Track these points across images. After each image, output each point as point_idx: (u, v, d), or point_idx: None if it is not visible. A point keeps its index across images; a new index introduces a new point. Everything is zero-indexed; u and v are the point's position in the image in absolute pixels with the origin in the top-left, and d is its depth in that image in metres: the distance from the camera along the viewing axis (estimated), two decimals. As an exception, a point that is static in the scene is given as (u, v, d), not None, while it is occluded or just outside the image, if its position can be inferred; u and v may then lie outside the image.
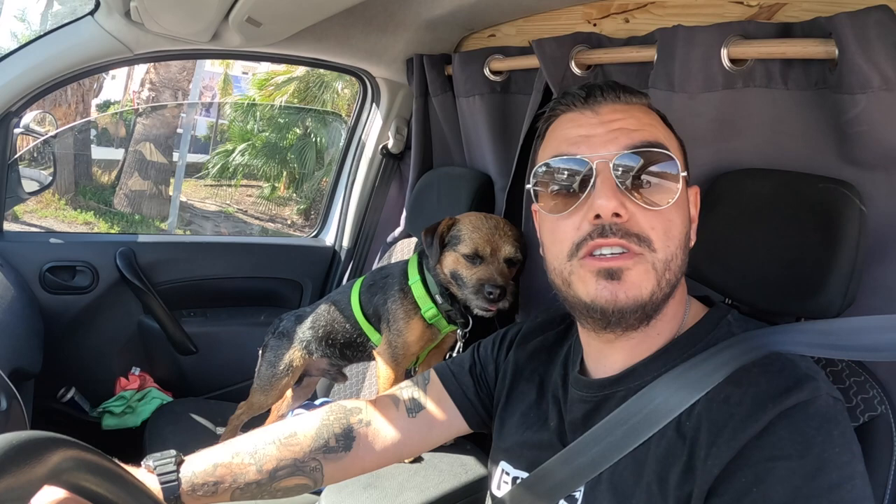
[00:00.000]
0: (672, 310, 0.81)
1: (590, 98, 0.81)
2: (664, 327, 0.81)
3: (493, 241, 1.37)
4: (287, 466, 0.93)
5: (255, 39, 1.64)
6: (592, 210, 0.74)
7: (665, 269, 0.75)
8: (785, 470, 0.64)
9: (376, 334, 1.53)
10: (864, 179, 0.95)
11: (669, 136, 0.81)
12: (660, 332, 0.81)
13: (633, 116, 0.79)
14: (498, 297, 1.34)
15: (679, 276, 0.77)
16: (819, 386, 0.68)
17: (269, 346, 1.69)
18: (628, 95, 0.81)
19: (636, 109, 0.80)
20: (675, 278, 0.76)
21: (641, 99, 0.83)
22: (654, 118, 0.82)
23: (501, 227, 1.40)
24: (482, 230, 1.38)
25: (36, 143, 1.87)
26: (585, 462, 0.79)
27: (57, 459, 0.50)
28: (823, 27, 0.95)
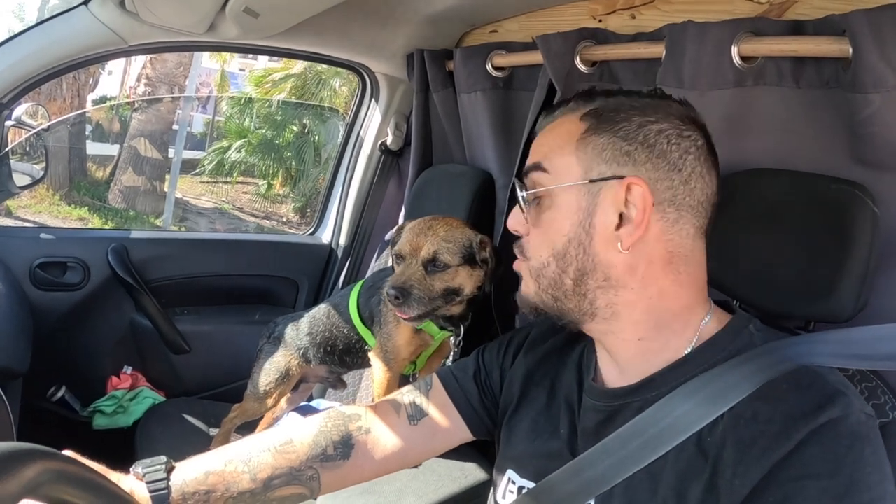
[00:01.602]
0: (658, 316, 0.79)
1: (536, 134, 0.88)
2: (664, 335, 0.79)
3: (414, 241, 1.27)
4: (282, 475, 0.90)
5: (252, 31, 1.61)
6: None
7: (539, 276, 0.82)
8: (815, 489, 0.62)
9: (373, 338, 1.50)
10: (877, 180, 0.93)
11: (562, 146, 0.80)
12: (668, 339, 0.79)
13: (538, 141, 0.85)
14: (397, 298, 1.23)
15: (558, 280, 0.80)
16: (851, 402, 0.66)
17: (264, 351, 1.64)
18: (547, 119, 0.86)
19: (547, 129, 0.85)
20: (553, 283, 0.81)
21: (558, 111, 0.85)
22: (553, 133, 0.83)
23: (436, 227, 1.28)
24: (413, 230, 1.29)
25: (28, 137, 1.83)
26: (596, 475, 0.76)
27: (34, 472, 0.47)
28: (836, 25, 0.93)
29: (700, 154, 0.78)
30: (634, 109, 0.79)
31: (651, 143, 0.77)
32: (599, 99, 0.81)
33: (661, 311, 0.79)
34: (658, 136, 0.77)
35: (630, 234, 0.76)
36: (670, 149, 0.77)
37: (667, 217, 0.77)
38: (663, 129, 0.77)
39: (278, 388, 1.59)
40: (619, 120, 0.78)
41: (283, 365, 1.58)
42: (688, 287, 0.79)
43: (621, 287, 0.78)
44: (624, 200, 0.76)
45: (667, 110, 0.79)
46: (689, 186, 0.77)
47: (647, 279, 0.78)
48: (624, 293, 0.78)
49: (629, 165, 0.76)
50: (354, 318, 1.51)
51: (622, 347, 0.82)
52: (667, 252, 0.77)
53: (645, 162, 0.76)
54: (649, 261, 0.77)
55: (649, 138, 0.77)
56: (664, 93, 0.83)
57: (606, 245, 0.77)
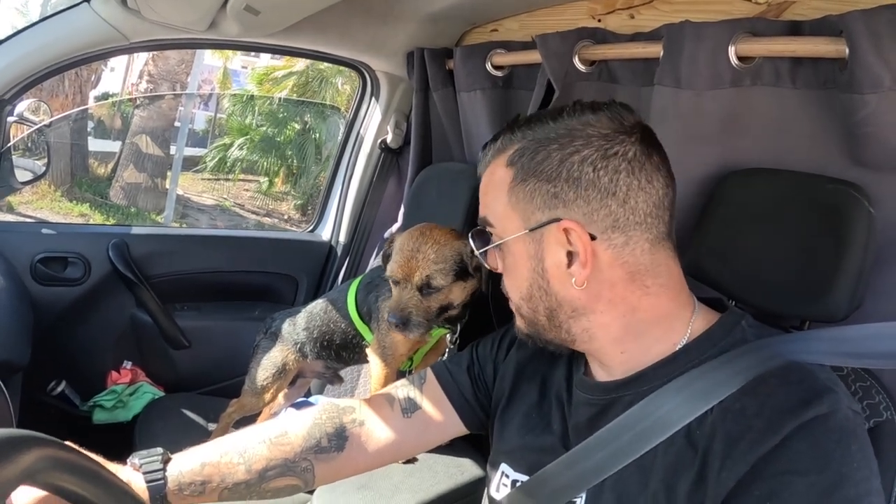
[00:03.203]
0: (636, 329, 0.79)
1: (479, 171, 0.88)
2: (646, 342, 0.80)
3: (407, 266, 1.28)
4: (277, 466, 0.91)
5: (253, 29, 1.61)
6: None
7: (518, 314, 0.87)
8: (802, 485, 0.62)
9: (370, 334, 1.50)
10: (873, 181, 0.93)
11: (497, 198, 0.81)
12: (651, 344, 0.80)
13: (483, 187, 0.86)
14: (398, 326, 1.28)
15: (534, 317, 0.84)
16: (839, 399, 0.66)
17: (261, 347, 1.64)
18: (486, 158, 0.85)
19: (487, 174, 0.85)
20: (531, 320, 0.84)
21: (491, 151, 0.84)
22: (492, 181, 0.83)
23: (425, 249, 1.28)
24: (403, 252, 1.29)
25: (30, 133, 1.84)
26: (589, 467, 0.77)
27: (32, 459, 0.48)
28: (833, 25, 0.93)
29: (633, 167, 0.75)
30: (553, 143, 0.76)
31: (576, 177, 0.75)
32: (520, 134, 0.80)
33: (637, 324, 0.79)
34: (581, 165, 0.74)
35: (580, 272, 0.76)
36: (597, 175, 0.74)
37: (614, 243, 0.76)
38: (586, 156, 0.75)
39: (275, 383, 1.59)
40: (539, 160, 0.76)
41: (280, 360, 1.59)
42: (660, 296, 0.79)
43: (591, 313, 0.79)
44: (566, 240, 0.76)
45: (587, 132, 0.76)
46: (629, 206, 0.75)
47: (615, 301, 0.78)
48: (595, 317, 0.79)
49: (560, 207, 0.76)
50: (352, 314, 1.51)
51: (608, 358, 0.83)
52: (626, 273, 0.77)
53: (574, 199, 0.75)
54: (611, 285, 0.77)
55: (573, 172, 0.75)
56: (584, 105, 0.79)
57: (563, 283, 0.78)
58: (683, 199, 1.13)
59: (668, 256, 0.79)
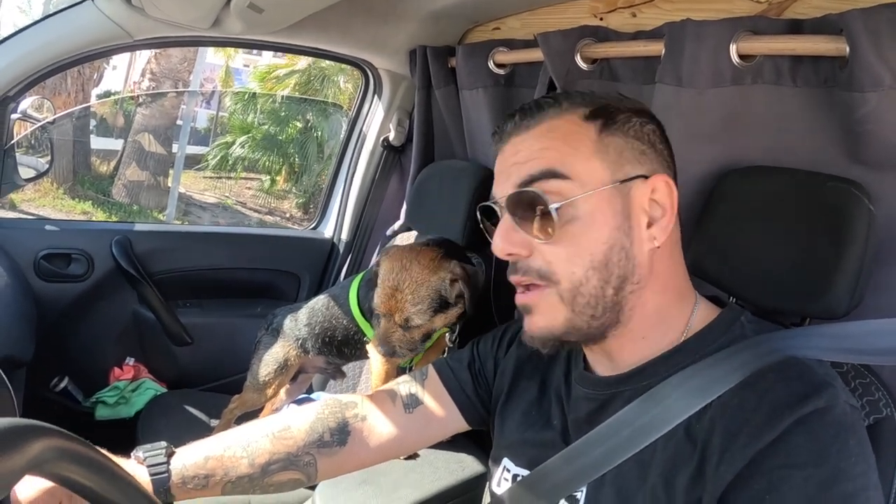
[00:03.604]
0: (656, 314, 0.80)
1: (500, 132, 0.82)
2: (650, 331, 0.80)
3: (388, 304, 1.31)
4: (280, 460, 0.91)
5: (256, 26, 1.62)
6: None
7: (575, 296, 0.76)
8: (800, 479, 0.62)
9: (372, 330, 1.51)
10: (873, 179, 0.93)
11: (576, 149, 0.76)
12: (645, 336, 0.80)
13: (528, 146, 0.78)
14: (386, 354, 1.34)
15: (605, 293, 0.76)
16: (837, 393, 0.67)
17: (263, 343, 1.65)
18: (529, 119, 0.79)
19: (534, 134, 0.79)
20: (593, 300, 0.76)
21: (548, 112, 0.79)
22: (554, 135, 0.77)
23: (403, 288, 1.29)
24: (384, 287, 1.31)
25: (33, 130, 1.85)
26: (588, 462, 0.77)
27: (38, 449, 0.48)
28: (833, 24, 0.93)
29: (673, 153, 0.83)
30: (628, 111, 0.79)
31: (652, 142, 0.79)
32: (587, 99, 0.80)
33: (663, 306, 0.80)
34: (653, 135, 0.80)
35: (663, 230, 0.77)
36: (663, 147, 0.80)
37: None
38: (654, 129, 0.80)
39: (277, 379, 1.60)
40: (622, 121, 0.78)
41: (282, 355, 1.60)
42: (681, 277, 0.81)
43: (644, 286, 0.78)
44: (648, 199, 0.77)
45: (644, 110, 0.82)
46: (677, 181, 0.80)
47: (657, 274, 0.79)
48: (642, 293, 0.78)
49: (647, 164, 0.78)
50: (354, 310, 1.52)
51: (626, 347, 0.81)
52: (672, 244, 0.80)
53: (655, 159, 0.79)
54: (661, 256, 0.79)
55: (651, 138, 0.79)
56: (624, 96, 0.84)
57: (642, 245, 0.77)
58: (684, 197, 1.13)
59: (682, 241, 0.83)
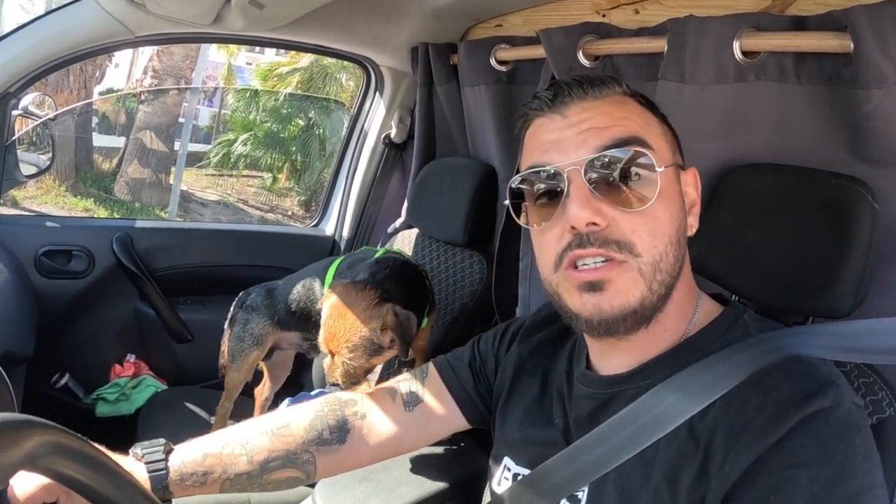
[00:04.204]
0: (677, 306, 0.78)
1: (556, 99, 0.77)
2: (670, 324, 0.78)
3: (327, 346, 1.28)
4: (279, 458, 0.91)
5: (257, 23, 1.61)
6: (568, 221, 0.72)
7: (655, 272, 0.72)
8: (805, 478, 0.62)
9: None
10: (877, 177, 0.93)
11: (649, 125, 0.77)
12: (666, 328, 0.78)
13: (604, 112, 0.75)
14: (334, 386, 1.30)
15: (675, 272, 0.74)
16: (842, 392, 0.66)
17: (237, 319, 1.63)
18: (596, 89, 0.77)
19: (607, 103, 0.76)
20: (668, 277, 0.74)
21: (614, 88, 0.78)
22: (628, 108, 0.77)
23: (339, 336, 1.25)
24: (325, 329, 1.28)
25: (35, 127, 1.85)
26: (590, 461, 0.77)
27: (33, 444, 0.48)
28: (837, 21, 0.93)
29: None
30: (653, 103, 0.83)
31: (676, 133, 0.82)
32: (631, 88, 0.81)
33: (681, 297, 0.79)
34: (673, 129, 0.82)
35: (696, 218, 0.80)
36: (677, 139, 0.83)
37: None
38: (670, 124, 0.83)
39: (253, 353, 1.59)
40: (662, 115, 0.82)
41: (257, 331, 1.59)
42: (687, 272, 0.81)
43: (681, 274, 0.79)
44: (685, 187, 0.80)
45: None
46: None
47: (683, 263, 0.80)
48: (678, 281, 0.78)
49: (678, 155, 0.81)
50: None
51: (647, 340, 0.78)
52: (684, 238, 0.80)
53: (680, 153, 0.82)
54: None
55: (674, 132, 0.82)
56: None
57: (688, 228, 0.79)
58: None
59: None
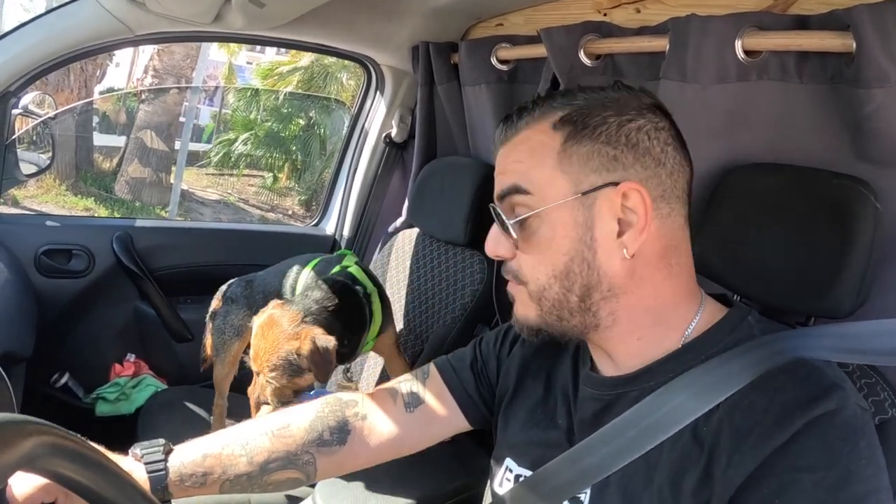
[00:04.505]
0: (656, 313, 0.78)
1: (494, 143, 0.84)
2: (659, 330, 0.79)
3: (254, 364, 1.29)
4: (279, 459, 0.90)
5: (258, 21, 1.61)
6: None
7: (540, 298, 0.79)
8: (810, 481, 0.62)
9: None
10: (880, 176, 0.92)
11: (540, 163, 0.76)
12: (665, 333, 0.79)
13: (505, 158, 0.81)
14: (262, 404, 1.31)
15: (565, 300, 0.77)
16: (847, 395, 0.66)
17: (218, 312, 1.64)
18: (509, 129, 0.81)
19: (514, 143, 0.80)
20: (557, 304, 0.78)
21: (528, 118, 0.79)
22: (525, 147, 0.78)
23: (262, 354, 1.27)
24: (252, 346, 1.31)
25: (35, 126, 1.84)
26: (593, 463, 0.76)
27: (31, 445, 0.47)
28: (840, 20, 0.92)
29: (676, 143, 0.78)
30: (608, 109, 0.76)
31: (634, 143, 0.75)
32: (564, 102, 0.78)
33: (657, 308, 0.78)
34: (638, 133, 0.75)
35: (635, 240, 0.74)
36: (652, 144, 0.75)
37: (661, 213, 0.76)
38: (641, 125, 0.75)
39: (234, 343, 1.60)
40: (595, 124, 0.75)
41: (237, 321, 1.59)
42: (680, 277, 0.79)
43: (622, 293, 0.77)
44: (620, 206, 0.74)
45: (638, 104, 0.77)
46: (673, 178, 0.76)
47: (644, 279, 0.77)
48: (625, 299, 0.77)
49: (619, 170, 0.74)
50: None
51: (621, 348, 0.81)
52: (661, 247, 0.77)
53: (633, 164, 0.75)
54: (646, 260, 0.76)
55: (631, 138, 0.75)
56: (624, 84, 0.80)
57: (610, 255, 0.75)
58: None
59: (688, 239, 0.80)
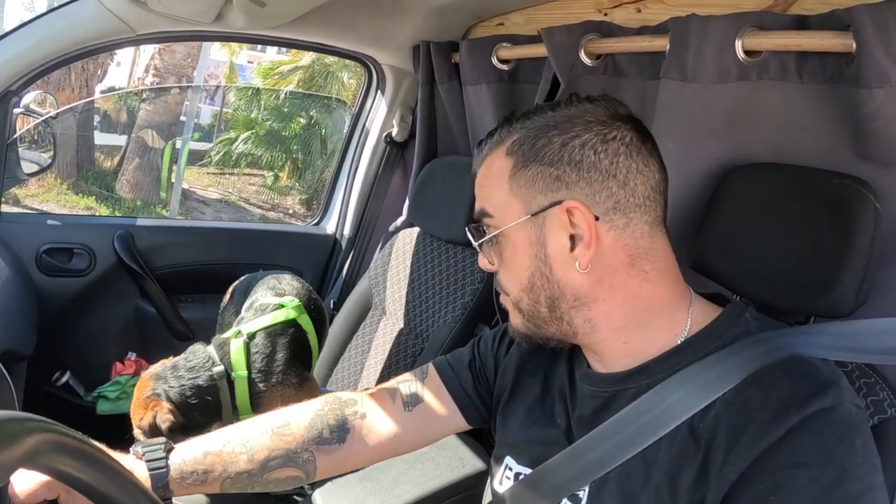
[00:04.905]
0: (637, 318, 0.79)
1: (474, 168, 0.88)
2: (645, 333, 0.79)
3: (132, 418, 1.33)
4: (279, 457, 0.91)
5: (259, 20, 1.61)
6: None
7: (518, 308, 0.85)
8: (805, 478, 0.62)
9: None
10: (880, 176, 0.92)
11: (497, 186, 0.81)
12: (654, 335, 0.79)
13: (479, 180, 0.86)
14: None
15: (534, 310, 0.82)
16: (842, 392, 0.66)
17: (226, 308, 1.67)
18: (481, 152, 0.86)
19: (482, 168, 0.85)
20: (531, 314, 0.83)
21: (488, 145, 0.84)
22: (487, 172, 0.83)
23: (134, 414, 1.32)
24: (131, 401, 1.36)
25: (36, 125, 1.85)
26: (592, 460, 0.77)
27: (32, 442, 0.47)
28: (840, 19, 0.92)
29: (631, 151, 0.77)
30: (554, 129, 0.78)
31: (577, 160, 0.76)
32: (519, 125, 0.81)
33: (638, 313, 0.79)
34: (583, 149, 0.76)
35: (584, 254, 0.76)
36: (598, 158, 0.76)
37: (615, 224, 0.76)
38: (586, 140, 0.76)
39: None
40: (540, 146, 0.77)
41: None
42: (658, 282, 0.79)
43: (592, 301, 0.79)
44: (569, 223, 0.76)
45: (585, 118, 0.78)
46: (629, 188, 0.76)
47: (615, 286, 0.78)
48: (598, 306, 0.79)
49: (563, 189, 0.76)
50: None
51: (608, 351, 0.82)
52: (627, 256, 0.77)
53: (577, 181, 0.76)
54: (612, 269, 0.77)
55: (574, 156, 0.76)
56: (580, 97, 0.81)
57: (566, 269, 0.77)
58: (688, 193, 1.13)
59: (665, 243, 0.80)
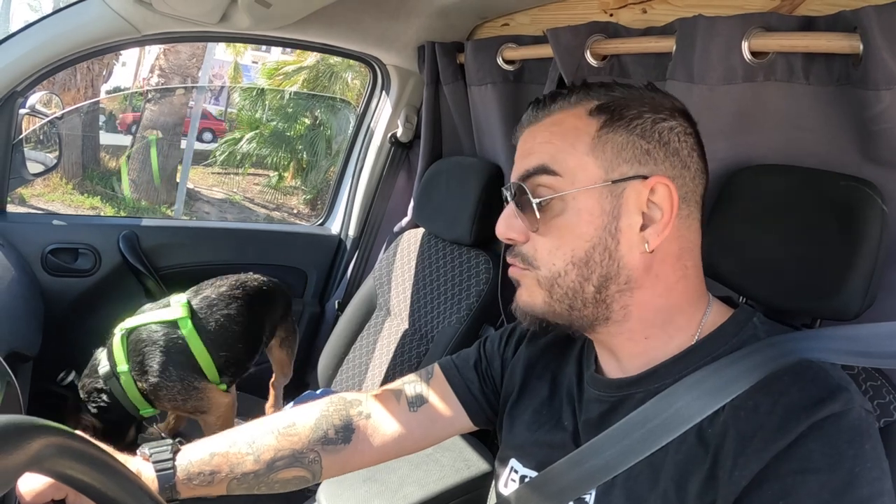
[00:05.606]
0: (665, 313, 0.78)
1: (519, 125, 0.84)
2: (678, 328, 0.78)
3: None
4: (285, 457, 0.91)
5: (264, 21, 1.61)
6: None
7: (553, 285, 0.77)
8: (815, 484, 0.61)
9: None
10: (887, 178, 0.92)
11: (573, 145, 0.76)
12: (672, 335, 0.79)
13: (535, 136, 0.80)
14: None
15: (580, 288, 0.76)
16: (852, 398, 0.65)
17: None
18: (540, 110, 0.81)
19: (546, 125, 0.80)
20: (571, 292, 0.77)
21: (563, 102, 0.80)
22: (558, 129, 0.78)
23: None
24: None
25: (42, 125, 1.85)
26: (598, 464, 0.76)
27: (38, 446, 0.48)
28: (847, 21, 0.92)
29: (701, 152, 0.79)
30: (643, 106, 0.77)
31: (666, 141, 0.75)
32: (602, 92, 0.79)
33: (668, 308, 0.78)
34: (670, 133, 0.76)
35: (657, 234, 0.74)
36: (681, 146, 0.76)
37: (682, 213, 0.76)
38: (673, 126, 0.76)
39: None
40: (632, 117, 0.76)
41: None
42: (691, 280, 0.79)
43: (637, 288, 0.77)
44: (646, 201, 0.75)
45: (670, 107, 0.78)
46: (696, 182, 0.77)
47: (659, 277, 0.77)
48: (639, 294, 0.77)
49: (650, 164, 0.75)
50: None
51: (628, 347, 0.81)
52: (678, 248, 0.77)
53: (664, 160, 0.75)
54: (662, 259, 0.76)
55: (663, 136, 0.75)
56: (657, 88, 0.81)
57: (631, 247, 0.75)
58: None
59: (700, 243, 0.81)
